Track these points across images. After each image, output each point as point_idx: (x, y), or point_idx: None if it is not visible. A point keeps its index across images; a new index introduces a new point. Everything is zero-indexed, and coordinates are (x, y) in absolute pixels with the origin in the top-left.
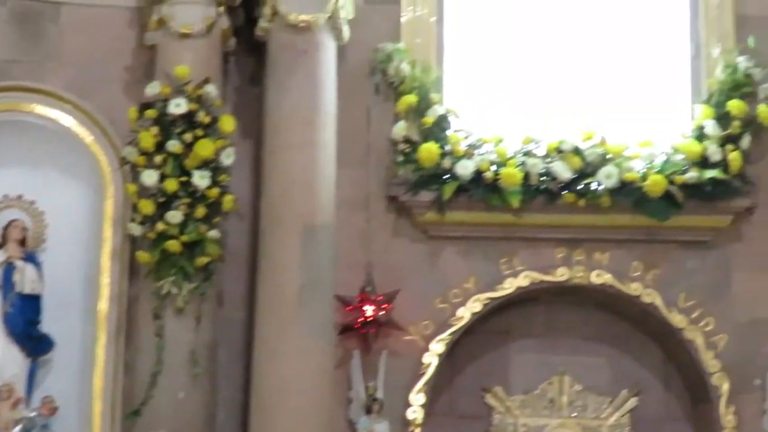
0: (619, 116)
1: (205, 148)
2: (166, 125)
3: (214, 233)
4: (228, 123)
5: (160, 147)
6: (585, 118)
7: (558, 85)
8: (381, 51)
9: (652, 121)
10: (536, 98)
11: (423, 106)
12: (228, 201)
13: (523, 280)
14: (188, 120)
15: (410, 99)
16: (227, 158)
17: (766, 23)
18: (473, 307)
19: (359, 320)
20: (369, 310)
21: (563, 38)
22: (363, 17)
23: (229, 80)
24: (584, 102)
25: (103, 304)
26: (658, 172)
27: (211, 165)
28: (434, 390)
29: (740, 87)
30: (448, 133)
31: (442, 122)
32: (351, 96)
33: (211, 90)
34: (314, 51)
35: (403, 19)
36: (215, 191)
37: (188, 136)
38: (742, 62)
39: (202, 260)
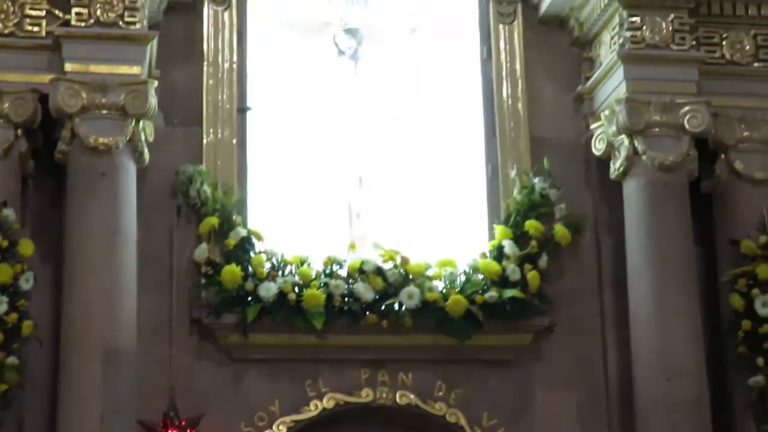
0: (420, 237)
1: (3, 273)
2: None
3: (12, 360)
4: (27, 247)
5: None
6: (387, 239)
7: (360, 204)
8: (182, 173)
9: (452, 242)
10: (337, 218)
11: (225, 228)
12: (27, 326)
13: (328, 402)
14: None
15: (212, 221)
16: (26, 283)
17: (559, 145)
18: (278, 430)
19: None
20: None
21: (364, 158)
22: (164, 139)
23: (28, 203)
24: (385, 222)
25: None
26: (459, 291)
27: (10, 290)
28: None
29: (537, 207)
30: (252, 254)
31: (244, 244)
32: (153, 218)
33: (9, 213)
34: (114, 174)
35: (204, 141)
36: (14, 316)
37: None
38: (538, 183)
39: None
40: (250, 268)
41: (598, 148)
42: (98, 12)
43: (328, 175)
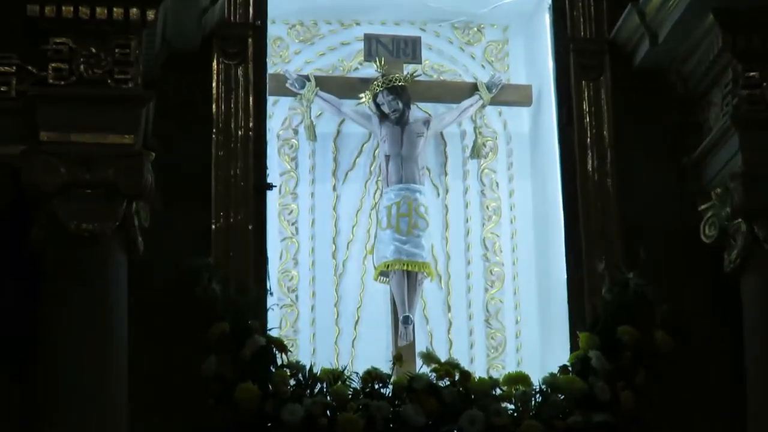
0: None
1: None
2: None
3: None
4: None
5: None
6: (442, 348)
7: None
8: (185, 267)
9: (525, 354)
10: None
11: (239, 335)
12: None
13: None
14: None
15: (223, 327)
16: None
17: (658, 231)
18: None
19: None
20: None
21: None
22: (163, 226)
23: None
24: (440, 328)
25: None
26: (534, 415)
27: None
28: None
29: (631, 309)
30: (273, 369)
31: (263, 355)
32: (149, 323)
33: None
34: (101, 267)
35: (213, 228)
36: None
37: None
38: (633, 279)
39: None
40: (270, 386)
41: (708, 234)
42: (81, 68)
43: (368, 268)
